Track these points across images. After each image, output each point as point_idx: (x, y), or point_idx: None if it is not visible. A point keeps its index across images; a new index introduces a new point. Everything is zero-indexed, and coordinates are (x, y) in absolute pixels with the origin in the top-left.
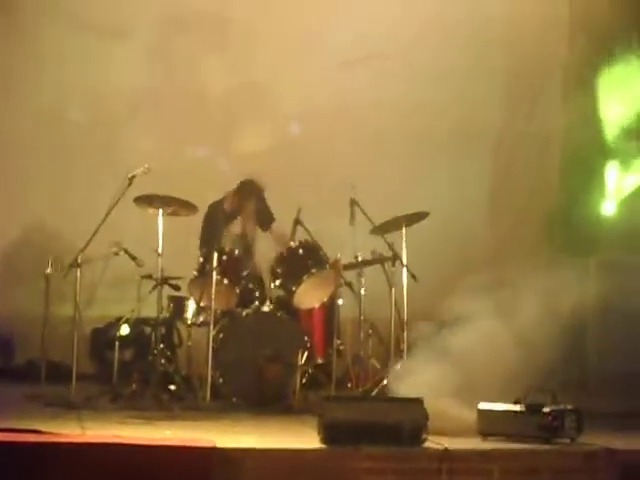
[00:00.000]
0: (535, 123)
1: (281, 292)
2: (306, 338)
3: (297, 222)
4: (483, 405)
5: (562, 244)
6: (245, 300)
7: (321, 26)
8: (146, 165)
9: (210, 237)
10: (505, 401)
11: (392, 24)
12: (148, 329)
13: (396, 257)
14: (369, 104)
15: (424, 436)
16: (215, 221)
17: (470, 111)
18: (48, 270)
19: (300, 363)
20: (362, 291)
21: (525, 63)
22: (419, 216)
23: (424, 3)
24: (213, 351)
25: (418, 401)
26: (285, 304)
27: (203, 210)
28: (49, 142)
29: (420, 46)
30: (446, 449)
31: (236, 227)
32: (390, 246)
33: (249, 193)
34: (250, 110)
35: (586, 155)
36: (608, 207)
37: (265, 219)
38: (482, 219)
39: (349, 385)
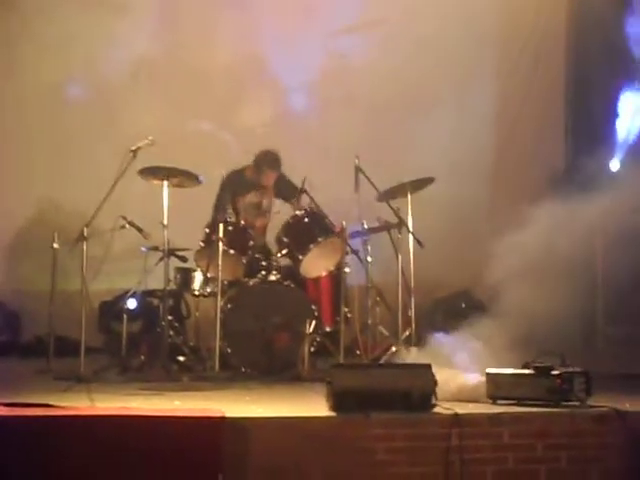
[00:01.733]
0: (537, 81)
1: (288, 261)
2: (313, 307)
3: (302, 191)
4: (491, 369)
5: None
6: (252, 270)
7: None
8: (150, 137)
9: (222, 203)
10: (514, 365)
11: None
12: (156, 301)
13: (402, 223)
14: (369, 71)
15: (433, 401)
16: (230, 188)
17: (471, 73)
18: (54, 245)
19: (308, 332)
20: (368, 258)
21: (525, 20)
22: (424, 182)
23: None
24: (221, 321)
25: (426, 367)
26: (292, 273)
27: (208, 180)
28: (53, 118)
29: (417, 10)
30: (456, 414)
31: (253, 197)
32: (396, 212)
33: (264, 164)
34: (252, 81)
35: (593, 109)
36: (616, 162)
37: (287, 192)
38: (486, 182)
39: (357, 353)
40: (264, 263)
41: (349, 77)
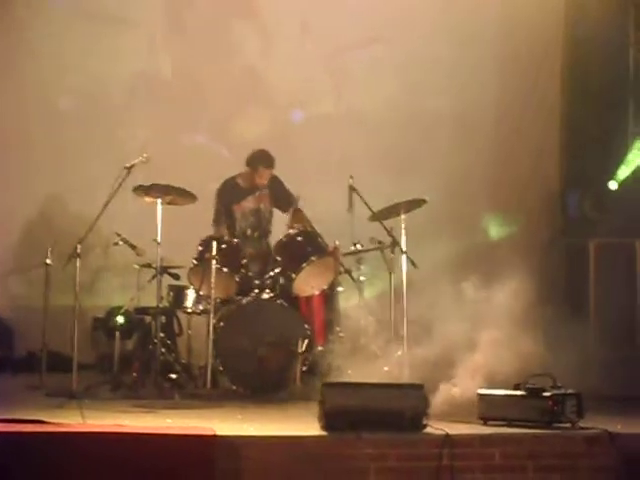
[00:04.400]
0: (534, 102)
1: (281, 279)
2: (306, 326)
3: (298, 210)
4: (483, 390)
5: (562, 227)
6: (245, 288)
7: (318, 12)
8: (145, 154)
9: (220, 212)
10: (506, 386)
11: (387, 10)
12: (148, 318)
13: (395, 244)
14: (368, 89)
15: (425, 422)
16: (225, 196)
17: (467, 93)
18: (48, 261)
19: (300, 350)
20: (361, 278)
21: (523, 42)
22: (417, 203)
23: None
24: (213, 339)
25: (419, 387)
26: (285, 292)
27: (201, 198)
28: (48, 133)
29: (417, 30)
30: (447, 434)
31: (249, 203)
32: (389, 232)
33: (259, 162)
34: (248, 97)
35: (588, 134)
36: (611, 187)
37: (283, 200)
38: (481, 203)
39: (349, 372)
40: (257, 281)
41: (347, 94)
